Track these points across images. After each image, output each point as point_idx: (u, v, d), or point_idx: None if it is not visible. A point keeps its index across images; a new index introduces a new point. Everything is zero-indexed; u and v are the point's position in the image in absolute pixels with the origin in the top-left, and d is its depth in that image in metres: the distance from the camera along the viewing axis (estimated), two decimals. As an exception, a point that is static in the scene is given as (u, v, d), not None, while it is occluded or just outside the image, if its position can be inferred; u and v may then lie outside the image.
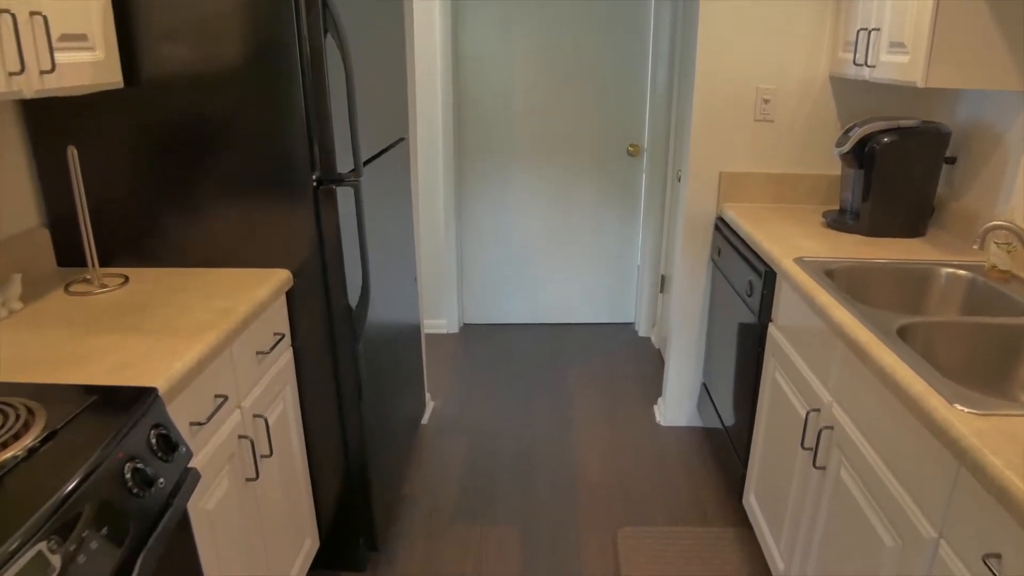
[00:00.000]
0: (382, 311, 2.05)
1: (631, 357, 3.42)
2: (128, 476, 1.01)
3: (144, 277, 1.67)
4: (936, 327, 1.54)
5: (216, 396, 1.37)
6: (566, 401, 3.00)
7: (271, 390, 1.63)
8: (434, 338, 3.63)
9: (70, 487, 0.91)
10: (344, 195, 1.70)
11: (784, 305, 1.89)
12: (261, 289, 1.57)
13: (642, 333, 3.68)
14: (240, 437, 1.46)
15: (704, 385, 2.70)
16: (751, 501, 2.11)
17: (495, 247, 3.67)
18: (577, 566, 2.07)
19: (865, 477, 1.40)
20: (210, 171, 1.65)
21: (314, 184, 1.65)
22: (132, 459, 1.02)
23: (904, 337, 1.47)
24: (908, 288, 1.85)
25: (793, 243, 2.02)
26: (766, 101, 2.40)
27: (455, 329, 3.70)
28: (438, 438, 2.73)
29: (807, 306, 1.72)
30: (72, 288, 1.59)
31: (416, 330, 2.60)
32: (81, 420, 1.05)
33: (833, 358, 1.57)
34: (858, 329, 1.44)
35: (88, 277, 1.62)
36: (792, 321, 1.83)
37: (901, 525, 1.25)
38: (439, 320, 3.68)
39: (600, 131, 3.48)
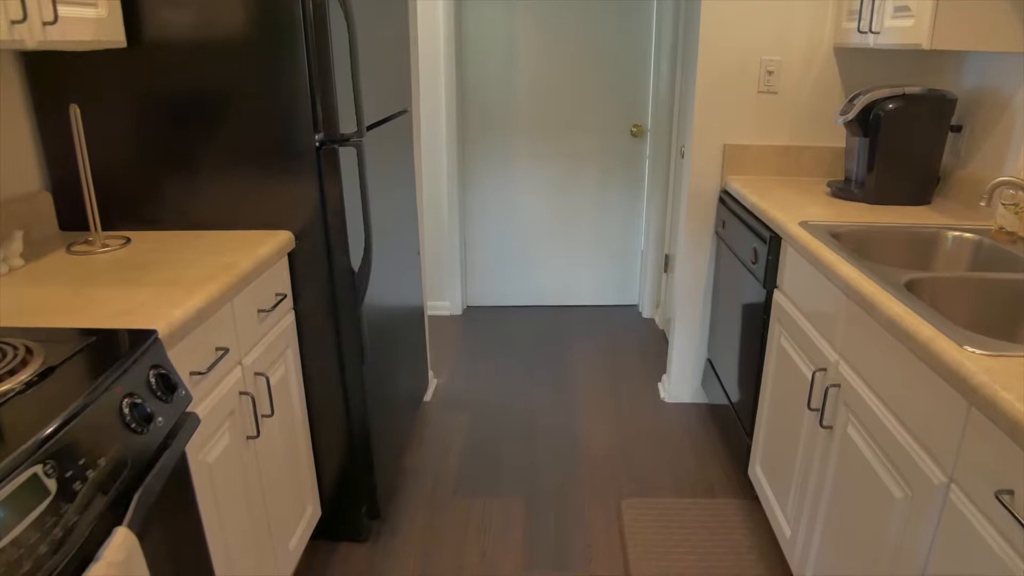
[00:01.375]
0: (385, 284, 2.04)
1: (635, 337, 3.41)
2: (126, 411, 0.99)
3: (146, 239, 1.66)
4: (943, 282, 1.52)
5: (217, 349, 1.36)
6: (569, 379, 2.99)
7: (273, 350, 1.62)
8: (437, 320, 3.62)
9: (67, 415, 0.90)
10: (347, 156, 1.69)
11: (789, 270, 1.88)
12: (263, 247, 1.56)
13: (646, 314, 3.66)
14: (241, 393, 1.45)
15: (709, 361, 2.68)
16: (756, 471, 2.09)
17: (498, 229, 3.66)
18: (581, 536, 2.05)
19: (873, 431, 1.38)
20: (213, 133, 1.65)
21: (317, 145, 1.64)
22: (130, 395, 1.01)
23: (911, 291, 1.45)
24: (914, 250, 1.84)
25: (798, 210, 2.01)
26: (770, 72, 2.39)
27: (458, 311, 3.69)
28: (441, 414, 2.72)
29: (813, 266, 1.70)
30: (74, 248, 1.58)
31: (419, 305, 2.59)
32: (79, 358, 1.04)
33: (839, 316, 1.56)
34: (865, 283, 1.43)
35: (90, 239, 1.62)
36: (798, 284, 1.81)
37: (910, 475, 1.23)
38: (442, 302, 3.67)
39: (603, 112, 3.47)
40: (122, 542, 0.91)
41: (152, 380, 1.07)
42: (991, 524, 1.03)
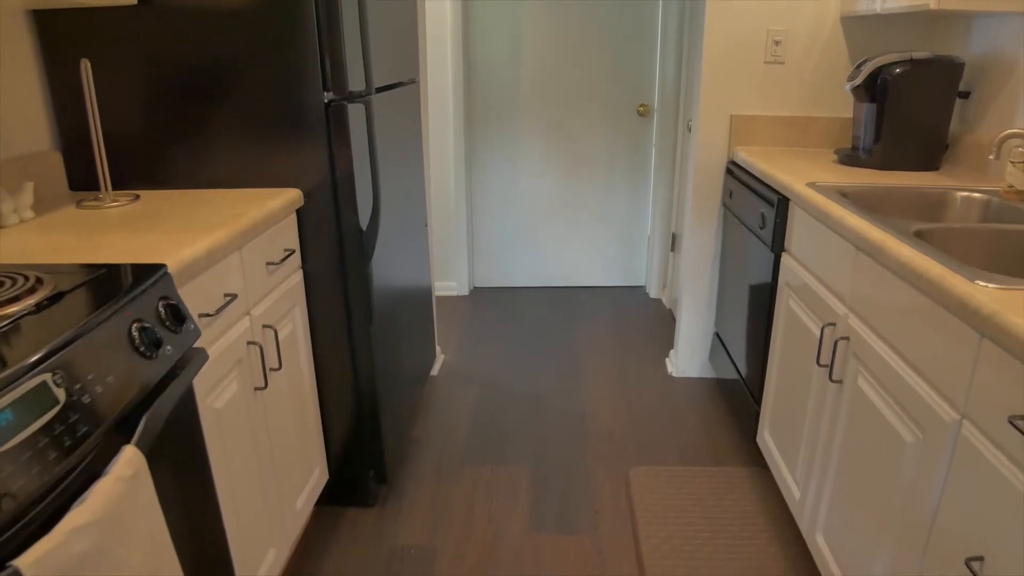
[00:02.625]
0: (393, 252, 2.04)
1: (642, 316, 3.40)
2: (135, 335, 1.00)
3: (156, 196, 1.67)
4: (953, 232, 1.51)
5: (226, 295, 1.36)
6: (576, 355, 2.98)
7: (281, 305, 1.62)
8: (444, 300, 3.63)
9: (77, 330, 0.90)
10: (356, 114, 1.70)
11: (797, 231, 1.87)
12: (272, 201, 1.57)
13: (653, 295, 3.66)
14: (249, 343, 1.46)
15: (716, 334, 2.68)
16: (765, 437, 2.08)
17: (504, 210, 3.66)
18: (589, 502, 2.05)
19: (883, 379, 1.37)
20: (222, 92, 1.65)
21: (326, 103, 1.64)
22: (139, 320, 1.02)
23: (921, 239, 1.44)
24: (923, 209, 1.83)
25: (806, 175, 2.00)
26: (777, 43, 2.38)
27: (465, 291, 3.70)
28: (448, 388, 2.72)
29: (821, 223, 1.70)
30: (83, 204, 1.59)
31: (426, 277, 2.59)
32: (89, 286, 1.04)
33: (848, 269, 1.55)
34: (874, 231, 1.42)
35: (100, 196, 1.63)
36: (805, 244, 1.81)
37: (922, 417, 1.22)
38: (449, 282, 3.68)
39: (609, 92, 3.47)
40: (130, 459, 0.91)
41: (161, 310, 1.07)
42: (1004, 454, 1.02)
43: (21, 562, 0.74)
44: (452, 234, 3.60)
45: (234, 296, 1.36)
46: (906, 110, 2.06)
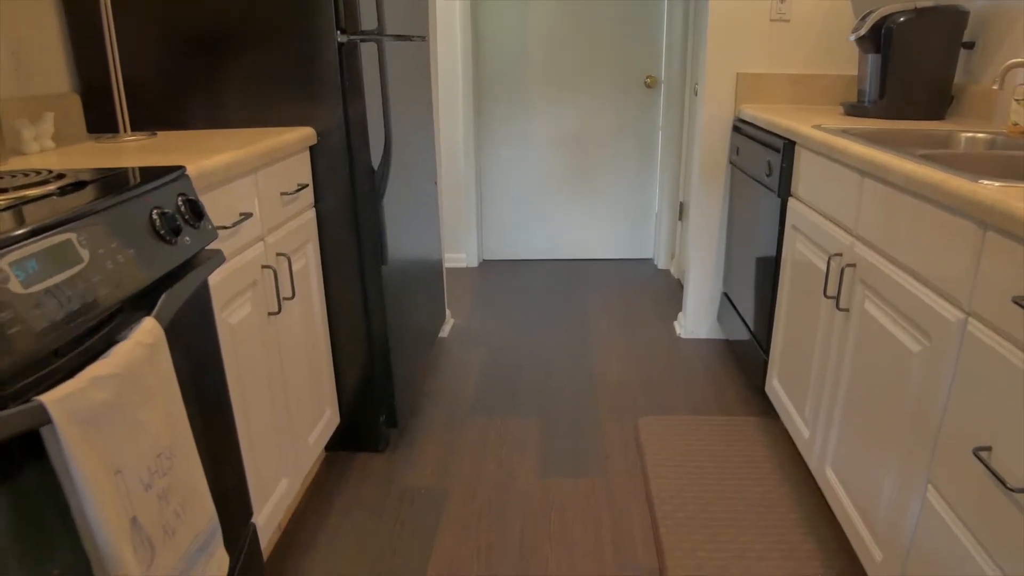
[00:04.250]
0: (403, 201, 2.07)
1: (650, 286, 3.41)
2: (155, 219, 1.03)
3: (173, 134, 1.70)
4: (958, 157, 1.53)
5: (241, 213, 1.39)
6: (585, 320, 3.00)
7: (295, 238, 1.65)
8: (454, 271, 3.66)
9: (101, 204, 0.93)
10: (368, 52, 1.73)
11: (804, 173, 1.88)
12: (286, 135, 1.60)
13: (661, 266, 3.67)
14: (264, 267, 1.48)
15: (724, 294, 2.69)
16: (774, 384, 2.09)
17: (513, 182, 3.69)
18: (598, 448, 2.06)
19: (889, 297, 1.38)
20: (238, 35, 1.69)
21: (339, 43, 1.68)
22: (159, 207, 1.05)
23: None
24: (929, 147, 1.84)
25: (812, 122, 2.02)
26: (782, 0, 2.40)
27: (474, 263, 3.72)
28: (458, 348, 2.74)
29: (826, 158, 1.71)
30: (102, 140, 1.63)
31: (435, 238, 2.61)
32: (111, 179, 1.07)
33: (853, 199, 1.56)
34: (881, 154, 1.44)
35: (118, 134, 1.66)
36: (811, 184, 1.82)
37: (928, 323, 1.24)
38: (459, 254, 3.70)
39: (616, 63, 3.50)
40: (150, 328, 0.94)
41: (180, 204, 1.10)
42: (1008, 340, 1.03)
43: (46, 397, 0.77)
44: (461, 206, 3.63)
45: (249, 214, 1.39)
46: (911, 60, 2.08)
